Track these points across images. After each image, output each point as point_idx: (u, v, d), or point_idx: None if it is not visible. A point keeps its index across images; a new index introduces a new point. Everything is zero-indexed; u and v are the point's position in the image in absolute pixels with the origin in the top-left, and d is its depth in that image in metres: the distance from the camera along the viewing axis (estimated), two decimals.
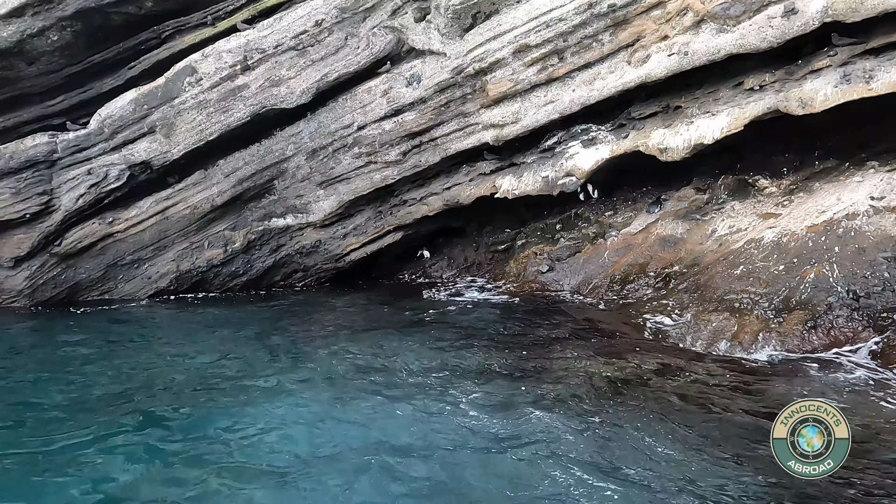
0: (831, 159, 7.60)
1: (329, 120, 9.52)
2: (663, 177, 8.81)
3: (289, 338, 7.36)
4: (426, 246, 10.99)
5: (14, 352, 7.33)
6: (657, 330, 6.44)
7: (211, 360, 6.63)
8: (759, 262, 6.62)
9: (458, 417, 4.73)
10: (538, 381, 5.31)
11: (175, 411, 5.16)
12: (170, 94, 8.95)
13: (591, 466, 4.02)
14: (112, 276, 9.73)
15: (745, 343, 5.56)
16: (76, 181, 9.09)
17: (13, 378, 6.31)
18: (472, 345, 6.42)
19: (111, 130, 9.07)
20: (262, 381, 5.74)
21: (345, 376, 5.77)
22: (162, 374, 6.16)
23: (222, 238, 10.05)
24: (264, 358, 6.55)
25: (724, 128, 6.88)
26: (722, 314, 6.02)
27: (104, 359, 6.74)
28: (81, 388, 5.79)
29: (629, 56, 7.52)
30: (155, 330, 8.29)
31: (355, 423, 4.75)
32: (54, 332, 8.12)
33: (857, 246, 6.21)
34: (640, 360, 5.57)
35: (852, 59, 6.20)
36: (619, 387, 5.07)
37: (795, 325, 5.52)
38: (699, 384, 5.07)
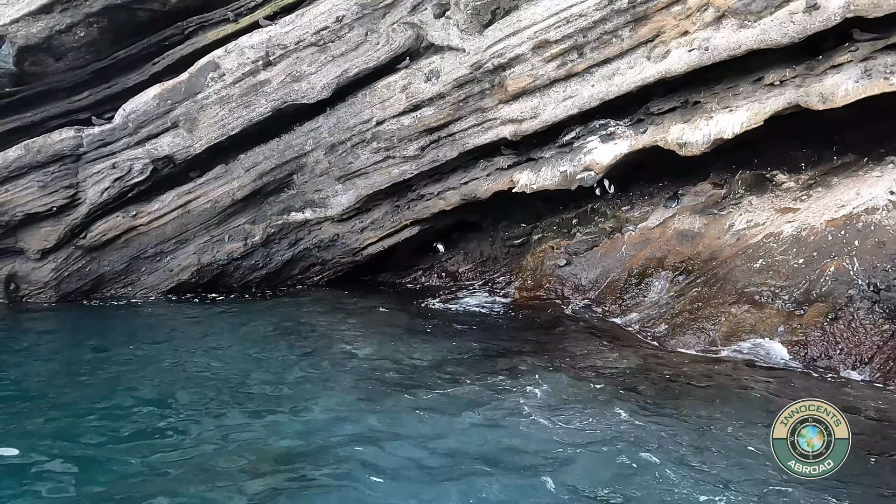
0: (849, 154, 7.63)
1: (348, 115, 9.63)
2: (679, 172, 8.86)
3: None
4: (441, 240, 11.10)
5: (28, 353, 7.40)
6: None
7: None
8: (779, 255, 6.68)
9: (528, 426, 4.60)
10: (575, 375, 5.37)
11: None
12: (193, 90, 9.09)
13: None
14: (135, 268, 9.90)
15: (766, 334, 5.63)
16: (101, 175, 9.25)
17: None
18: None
19: (135, 125, 9.22)
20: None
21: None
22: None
23: (242, 232, 10.20)
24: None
25: (743, 122, 6.94)
26: (742, 306, 6.09)
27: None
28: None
29: (649, 51, 7.58)
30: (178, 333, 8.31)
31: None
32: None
33: (876, 240, 6.26)
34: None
35: (873, 55, 6.24)
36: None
37: (816, 318, 5.58)
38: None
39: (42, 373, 6.60)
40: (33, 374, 6.60)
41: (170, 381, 5.96)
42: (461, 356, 6.32)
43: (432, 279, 11.08)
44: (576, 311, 7.96)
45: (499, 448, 4.27)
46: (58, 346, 7.73)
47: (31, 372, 6.67)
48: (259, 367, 6.29)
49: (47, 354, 7.34)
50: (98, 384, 5.92)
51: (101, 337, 7.82)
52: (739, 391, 4.87)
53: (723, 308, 6.21)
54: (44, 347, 7.62)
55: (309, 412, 5.02)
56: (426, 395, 5.19)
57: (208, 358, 6.81)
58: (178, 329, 8.27)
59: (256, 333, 7.67)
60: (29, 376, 6.50)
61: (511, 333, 7.38)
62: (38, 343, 7.80)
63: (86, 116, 9.23)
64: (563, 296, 8.45)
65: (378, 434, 4.55)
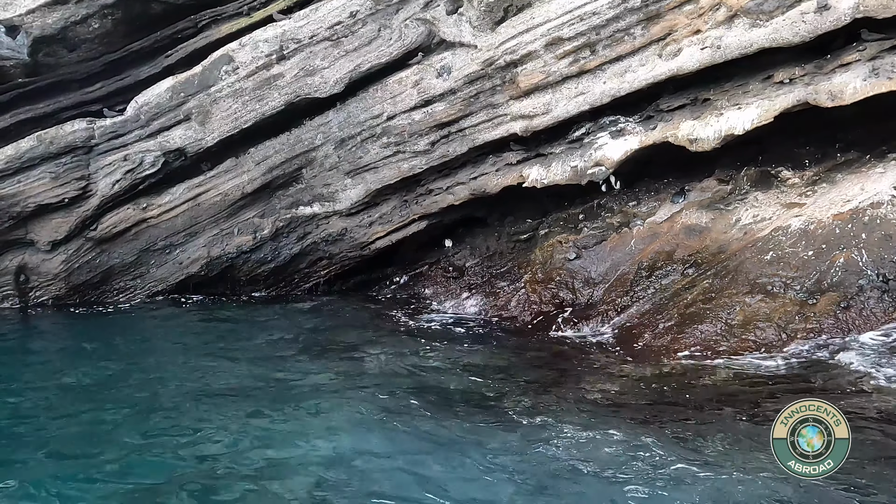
0: (852, 152, 7.85)
1: (358, 110, 9.72)
2: (684, 169, 9.05)
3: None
4: (447, 236, 11.23)
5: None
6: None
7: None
8: (788, 248, 6.89)
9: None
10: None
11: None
12: (206, 83, 9.13)
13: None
14: (144, 261, 9.92)
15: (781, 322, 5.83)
16: (112, 167, 9.27)
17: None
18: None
19: (147, 117, 9.24)
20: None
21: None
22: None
23: (251, 225, 10.25)
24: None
25: (754, 119, 7.14)
26: (756, 296, 6.29)
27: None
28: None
29: (660, 49, 7.77)
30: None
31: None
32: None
33: (883, 233, 6.49)
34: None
35: (880, 54, 6.47)
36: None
37: (829, 306, 5.79)
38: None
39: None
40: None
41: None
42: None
43: (437, 276, 11.20)
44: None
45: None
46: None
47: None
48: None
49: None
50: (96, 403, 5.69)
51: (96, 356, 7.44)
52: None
53: (736, 298, 6.40)
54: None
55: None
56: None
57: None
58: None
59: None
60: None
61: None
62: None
63: (98, 108, 9.24)
64: (573, 288, 8.60)
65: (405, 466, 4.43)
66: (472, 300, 9.66)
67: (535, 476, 4.21)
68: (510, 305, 8.86)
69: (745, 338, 5.95)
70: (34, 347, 8.25)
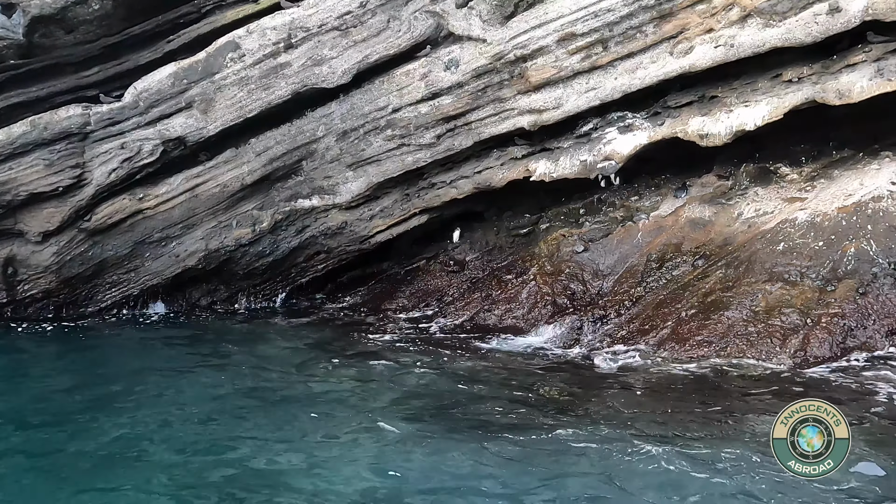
0: (846, 150, 8.27)
1: (363, 102, 9.64)
2: (681, 165, 9.36)
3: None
4: (444, 231, 11.25)
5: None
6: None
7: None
8: (798, 239, 7.21)
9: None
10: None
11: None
12: (210, 70, 8.89)
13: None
14: (139, 253, 9.58)
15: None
16: (109, 155, 8.91)
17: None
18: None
19: (147, 104, 8.92)
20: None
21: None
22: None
23: (250, 218, 10.04)
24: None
25: (764, 116, 7.45)
26: (775, 284, 6.55)
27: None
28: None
29: (672, 47, 7.99)
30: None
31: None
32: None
33: (887, 224, 6.87)
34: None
35: (885, 56, 6.84)
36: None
37: (848, 292, 6.09)
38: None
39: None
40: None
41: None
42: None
43: (436, 270, 11.18)
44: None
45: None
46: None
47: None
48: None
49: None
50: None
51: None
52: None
53: (757, 286, 6.65)
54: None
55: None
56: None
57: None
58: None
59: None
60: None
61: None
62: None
63: (94, 94, 8.86)
64: (583, 280, 8.75)
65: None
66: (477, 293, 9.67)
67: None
68: (521, 297, 8.94)
69: (771, 323, 6.19)
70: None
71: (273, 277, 10.80)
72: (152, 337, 8.99)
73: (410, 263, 11.81)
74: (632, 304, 7.82)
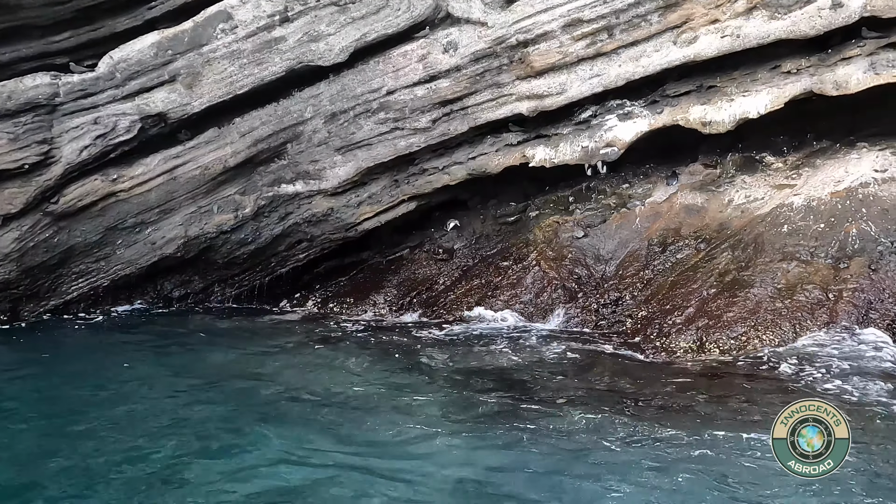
0: (824, 141, 8.83)
1: (355, 83, 9.30)
2: (664, 155, 9.68)
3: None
4: (425, 219, 11.06)
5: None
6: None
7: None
8: (800, 221, 7.61)
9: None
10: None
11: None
12: (198, 41, 8.25)
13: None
14: (110, 240, 8.76)
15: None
16: (80, 131, 8.07)
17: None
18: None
19: (124, 76, 8.16)
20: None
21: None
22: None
23: (232, 203, 9.45)
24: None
25: (767, 105, 7.81)
26: (791, 263, 6.87)
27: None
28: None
29: (675, 37, 8.22)
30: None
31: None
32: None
33: (880, 207, 7.37)
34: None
35: (877, 51, 7.34)
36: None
37: (861, 268, 6.49)
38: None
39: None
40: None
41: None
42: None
43: (422, 259, 10.96)
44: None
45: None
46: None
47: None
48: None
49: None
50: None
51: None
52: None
53: (773, 265, 6.96)
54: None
55: None
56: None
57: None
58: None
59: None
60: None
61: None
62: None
63: (64, 61, 8.00)
64: (586, 264, 8.85)
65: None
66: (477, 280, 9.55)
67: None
68: (525, 282, 8.91)
69: (797, 298, 6.49)
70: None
71: (253, 267, 10.20)
72: (129, 341, 7.97)
73: (393, 253, 11.51)
74: (644, 287, 7.98)
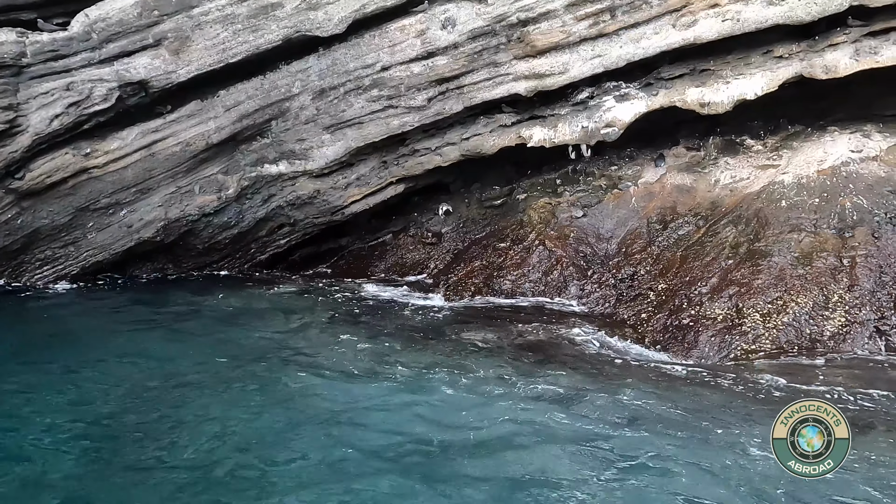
0: (797, 125, 9.41)
1: (348, 58, 8.90)
2: (644, 139, 9.99)
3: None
4: (405, 203, 10.81)
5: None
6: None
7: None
8: (795, 197, 8.04)
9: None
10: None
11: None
12: (188, 2, 7.56)
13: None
14: (80, 223, 7.85)
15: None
16: (51, 97, 7.15)
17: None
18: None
19: (102, 37, 7.31)
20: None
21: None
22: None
23: (215, 183, 8.76)
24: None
25: (763, 87, 8.22)
26: (800, 234, 7.26)
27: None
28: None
29: (675, 20, 8.46)
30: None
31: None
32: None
33: (864, 183, 7.93)
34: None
35: (861, 39, 7.91)
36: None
37: (866, 236, 6.95)
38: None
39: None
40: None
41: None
42: None
43: (408, 244, 10.69)
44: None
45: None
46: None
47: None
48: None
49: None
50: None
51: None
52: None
53: (783, 236, 7.32)
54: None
55: None
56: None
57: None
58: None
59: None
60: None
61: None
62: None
63: (31, 17, 7.03)
64: (589, 243, 8.93)
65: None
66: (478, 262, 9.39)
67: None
68: (530, 262, 8.85)
69: (816, 265, 6.85)
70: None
71: (233, 253, 9.51)
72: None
73: (375, 238, 11.14)
74: (654, 262, 8.14)
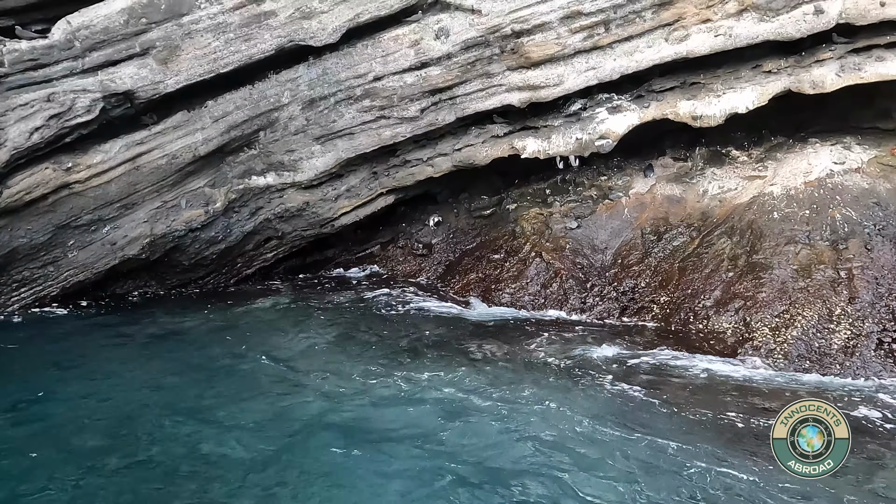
0: (779, 136, 9.66)
1: (339, 67, 8.71)
2: (628, 151, 10.11)
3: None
4: (389, 215, 10.65)
5: None
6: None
7: None
8: (786, 208, 8.24)
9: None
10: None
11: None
12: (178, 10, 7.21)
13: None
14: (61, 241, 7.41)
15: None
16: (30, 109, 6.71)
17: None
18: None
19: (86, 46, 6.91)
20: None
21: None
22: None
23: (202, 196, 8.43)
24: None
25: (754, 100, 8.38)
26: (797, 246, 7.42)
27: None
28: None
29: (667, 34, 8.57)
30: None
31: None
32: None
33: (850, 195, 8.17)
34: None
35: (845, 55, 8.16)
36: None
37: (860, 248, 7.17)
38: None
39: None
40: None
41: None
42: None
43: (397, 255, 10.53)
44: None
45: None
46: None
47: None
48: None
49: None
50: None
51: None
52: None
53: (779, 248, 7.47)
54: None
55: None
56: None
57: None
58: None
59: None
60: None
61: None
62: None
63: (8, 24, 6.59)
64: (584, 254, 8.94)
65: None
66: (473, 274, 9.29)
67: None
68: (527, 274, 8.81)
69: (815, 277, 7.01)
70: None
71: (219, 268, 9.17)
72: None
73: (363, 249, 10.92)
74: (653, 273, 8.21)
